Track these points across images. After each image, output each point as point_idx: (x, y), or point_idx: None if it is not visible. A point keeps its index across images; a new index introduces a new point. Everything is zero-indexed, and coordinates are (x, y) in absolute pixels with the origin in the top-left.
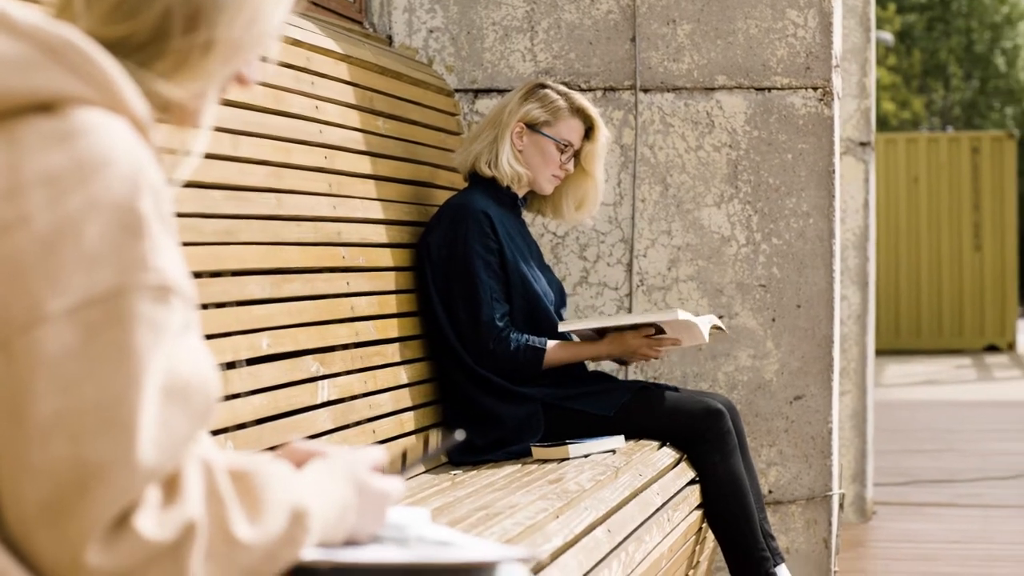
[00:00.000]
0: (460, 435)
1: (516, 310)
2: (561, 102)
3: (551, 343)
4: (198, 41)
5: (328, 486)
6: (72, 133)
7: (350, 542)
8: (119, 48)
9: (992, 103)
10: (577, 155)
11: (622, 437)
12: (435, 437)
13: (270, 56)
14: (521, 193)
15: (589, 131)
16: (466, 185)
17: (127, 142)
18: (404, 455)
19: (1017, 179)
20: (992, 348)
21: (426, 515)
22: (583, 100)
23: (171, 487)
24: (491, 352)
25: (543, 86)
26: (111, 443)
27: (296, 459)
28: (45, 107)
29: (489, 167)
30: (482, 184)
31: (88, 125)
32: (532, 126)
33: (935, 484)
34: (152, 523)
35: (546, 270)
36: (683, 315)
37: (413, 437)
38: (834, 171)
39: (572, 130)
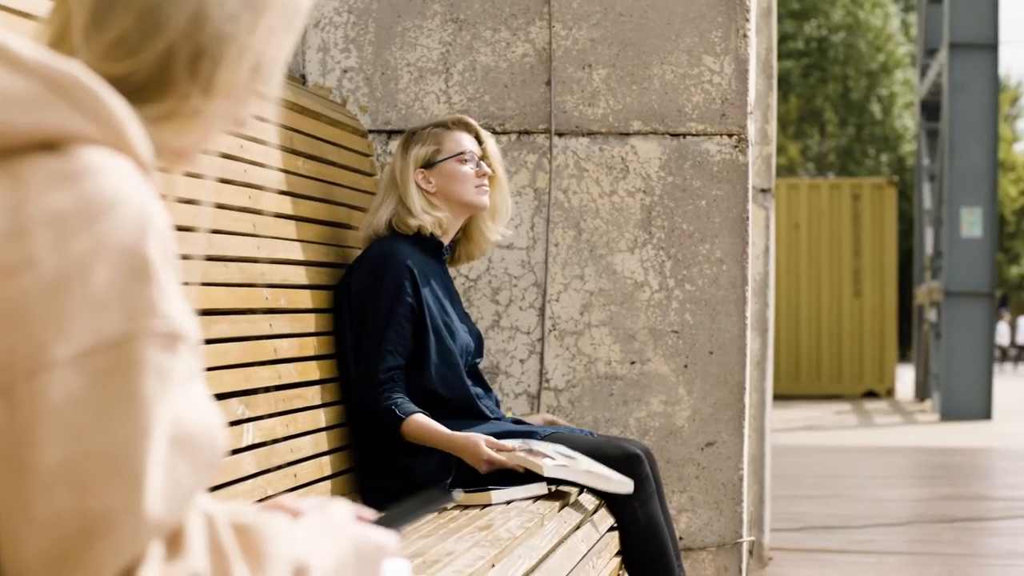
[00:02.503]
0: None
1: (431, 366)
2: (435, 129)
3: (417, 417)
4: (200, 83)
5: (326, 540)
6: (78, 173)
7: None
8: (118, 87)
9: (867, 150)
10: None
11: (544, 483)
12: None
13: (271, 97)
14: (447, 240)
15: (476, 139)
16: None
17: (133, 183)
18: (398, 509)
19: (897, 226)
20: (871, 394)
21: (408, 567)
22: (457, 115)
23: (175, 541)
24: (362, 400)
25: (412, 131)
26: (118, 494)
27: (289, 511)
28: (50, 145)
29: (408, 224)
30: (405, 237)
31: (94, 165)
32: (429, 164)
33: (828, 530)
34: None
35: (466, 319)
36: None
37: (330, 483)
38: (747, 217)
39: (460, 141)
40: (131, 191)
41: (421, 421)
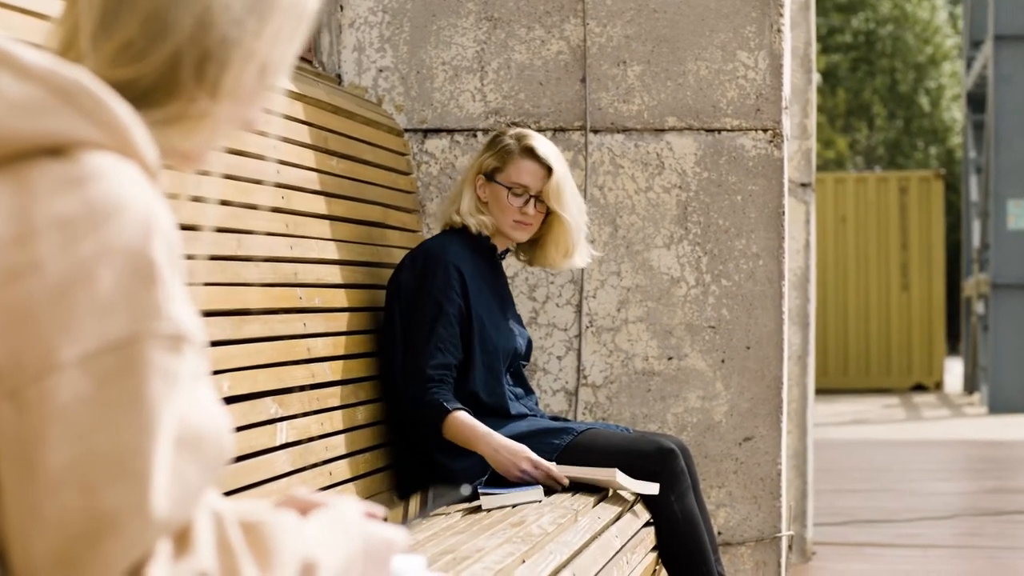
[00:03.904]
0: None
1: (475, 370)
2: (512, 145)
3: (461, 415)
4: (206, 87)
5: (335, 536)
6: (84, 178)
7: None
8: (125, 91)
9: (916, 142)
10: (541, 198)
11: (540, 489)
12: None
13: (274, 102)
14: (501, 245)
15: (550, 171)
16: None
17: (139, 187)
18: (406, 506)
19: (945, 218)
20: (919, 387)
21: (423, 562)
22: (535, 140)
23: (182, 539)
24: (410, 397)
25: (502, 133)
26: (124, 494)
27: (299, 508)
28: (55, 151)
29: (459, 215)
30: (459, 232)
31: (100, 170)
32: (488, 175)
33: (872, 524)
34: None
35: (518, 320)
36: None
37: (365, 480)
38: (783, 212)
39: (524, 172)
40: (136, 195)
41: (465, 420)
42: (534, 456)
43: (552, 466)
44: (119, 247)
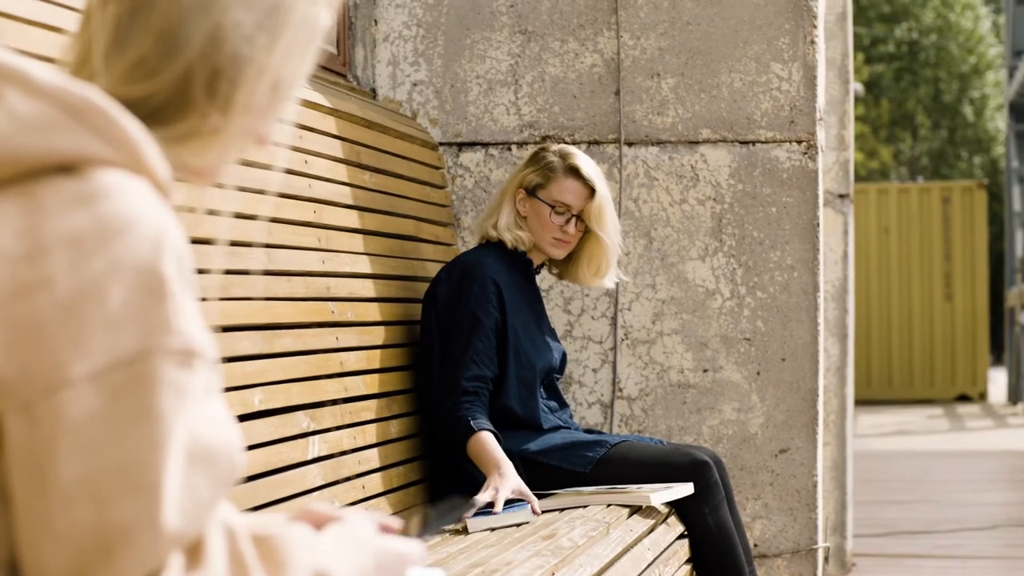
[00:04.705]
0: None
1: (509, 384)
2: (556, 163)
3: (486, 436)
4: (218, 104)
5: (348, 550)
6: (94, 195)
7: None
8: (138, 108)
9: (960, 152)
10: (581, 217)
11: (529, 510)
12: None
13: (288, 117)
14: (537, 260)
15: (593, 191)
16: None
17: (149, 204)
18: (422, 518)
19: (988, 228)
20: (963, 398)
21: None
22: (579, 159)
23: (194, 553)
24: (444, 407)
25: (544, 148)
26: (135, 508)
27: (314, 522)
28: (66, 168)
29: (495, 230)
30: (495, 246)
31: (110, 187)
32: (530, 190)
33: (913, 535)
34: None
35: (552, 334)
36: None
37: (398, 494)
38: (818, 224)
39: (567, 191)
40: (147, 211)
41: (487, 442)
42: (503, 490)
43: (527, 491)
44: (129, 263)
